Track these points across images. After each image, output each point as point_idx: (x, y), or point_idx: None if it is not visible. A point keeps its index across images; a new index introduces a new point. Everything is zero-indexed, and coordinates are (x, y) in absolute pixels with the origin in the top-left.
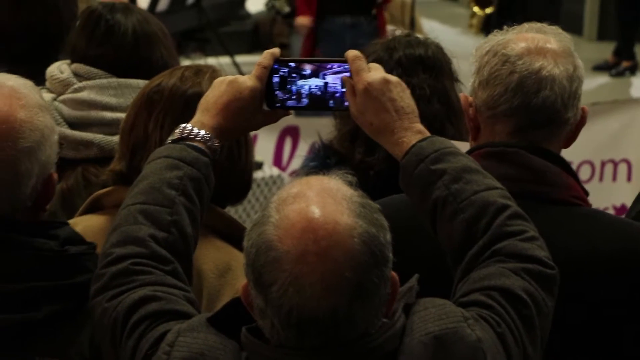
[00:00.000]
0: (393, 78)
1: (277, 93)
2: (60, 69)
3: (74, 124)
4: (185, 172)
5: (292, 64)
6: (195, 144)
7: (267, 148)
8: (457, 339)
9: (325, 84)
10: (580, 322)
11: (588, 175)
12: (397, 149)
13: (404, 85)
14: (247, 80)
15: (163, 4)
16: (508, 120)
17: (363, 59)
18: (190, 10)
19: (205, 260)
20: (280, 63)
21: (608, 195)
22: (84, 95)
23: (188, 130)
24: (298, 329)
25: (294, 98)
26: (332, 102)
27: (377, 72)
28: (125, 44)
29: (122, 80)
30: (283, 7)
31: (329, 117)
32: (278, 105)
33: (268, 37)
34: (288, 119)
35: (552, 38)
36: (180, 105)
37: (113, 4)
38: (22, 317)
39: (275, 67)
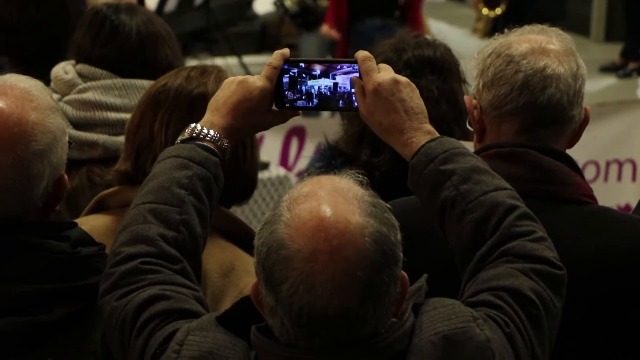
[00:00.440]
0: (403, 78)
1: (286, 93)
2: (65, 70)
3: (79, 125)
4: (195, 171)
5: (302, 65)
6: (205, 144)
7: (273, 148)
8: (466, 339)
9: (335, 85)
10: (594, 319)
11: (593, 175)
12: (406, 149)
13: (414, 86)
14: (257, 81)
15: (171, 5)
16: (514, 120)
17: (373, 60)
18: (198, 11)
19: (210, 260)
20: (290, 63)
21: (613, 195)
22: (89, 96)
23: (198, 130)
24: (308, 328)
25: (304, 98)
26: (341, 102)
27: (386, 72)
28: (130, 45)
29: (126, 81)
30: (292, 6)
31: (335, 117)
32: (287, 106)
33: (276, 37)
34: (294, 120)
35: (554, 39)
36: (186, 106)
37: (118, 5)
38: (34, 319)
39: (285, 67)
